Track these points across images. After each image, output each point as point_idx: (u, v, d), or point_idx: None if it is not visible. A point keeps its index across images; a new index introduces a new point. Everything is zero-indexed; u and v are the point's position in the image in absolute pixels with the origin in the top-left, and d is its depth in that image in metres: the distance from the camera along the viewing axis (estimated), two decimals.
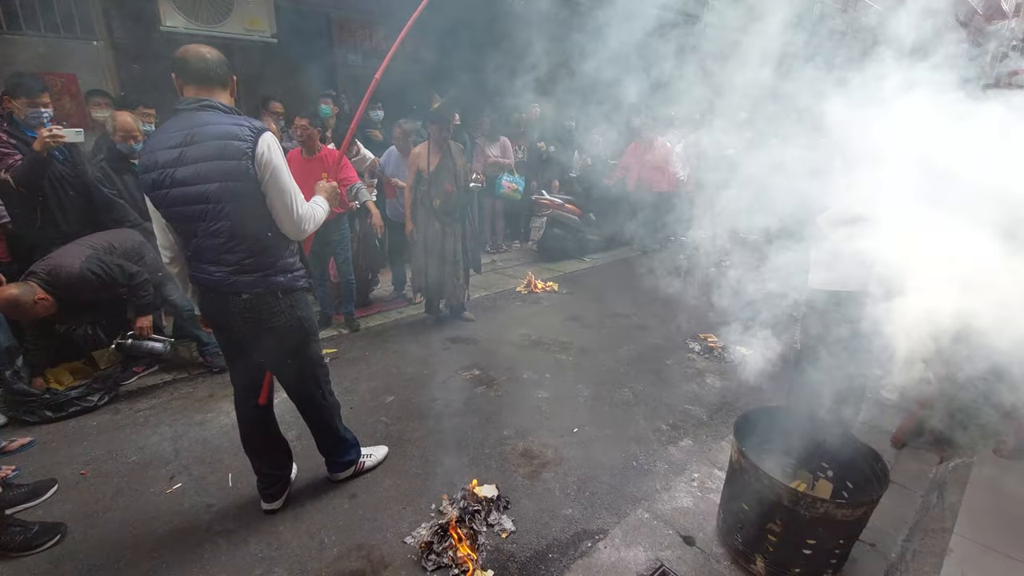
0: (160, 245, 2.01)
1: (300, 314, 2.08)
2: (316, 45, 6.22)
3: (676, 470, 2.73)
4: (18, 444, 2.79)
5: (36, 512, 2.34)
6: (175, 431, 3.01)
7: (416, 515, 2.37)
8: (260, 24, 4.95)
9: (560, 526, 2.33)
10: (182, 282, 2.11)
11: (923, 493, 2.55)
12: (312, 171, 3.69)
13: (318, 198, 2.14)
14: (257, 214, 1.87)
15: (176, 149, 1.78)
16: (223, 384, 3.51)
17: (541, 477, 2.66)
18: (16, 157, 3.06)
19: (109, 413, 3.17)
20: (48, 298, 2.83)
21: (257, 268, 1.92)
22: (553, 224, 6.82)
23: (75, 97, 4.59)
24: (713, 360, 4.05)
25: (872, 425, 3.06)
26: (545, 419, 3.18)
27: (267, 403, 2.29)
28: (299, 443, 2.76)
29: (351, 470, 2.58)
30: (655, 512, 2.40)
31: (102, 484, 2.56)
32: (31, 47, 4.40)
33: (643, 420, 3.19)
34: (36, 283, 2.82)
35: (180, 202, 1.82)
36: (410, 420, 3.15)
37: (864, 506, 1.84)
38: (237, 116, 1.83)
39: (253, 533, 2.27)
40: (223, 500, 2.47)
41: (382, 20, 6.73)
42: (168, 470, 2.67)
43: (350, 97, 6.57)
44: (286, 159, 2.46)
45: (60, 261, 2.93)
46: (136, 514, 2.37)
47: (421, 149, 4.17)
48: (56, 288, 2.86)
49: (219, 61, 1.86)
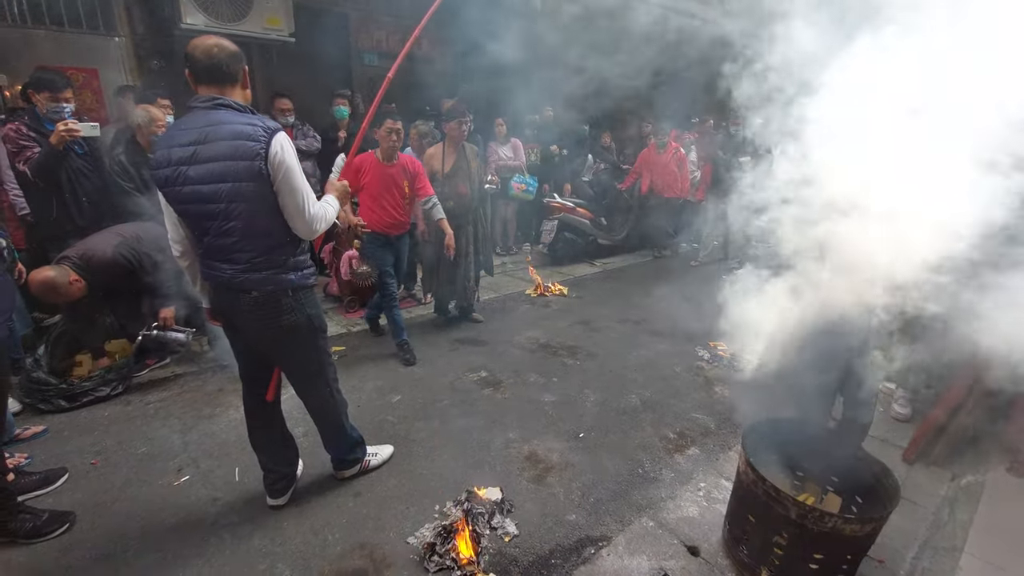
0: (171, 239, 2.04)
1: (309, 312, 2.09)
2: (333, 44, 6.26)
3: (682, 479, 2.70)
4: (32, 432, 2.84)
5: (46, 500, 2.37)
6: (184, 424, 3.04)
7: (419, 515, 2.37)
8: (278, 23, 5.00)
9: (563, 532, 2.32)
10: (192, 276, 2.14)
11: (934, 510, 2.50)
12: (391, 178, 3.64)
13: (329, 197, 2.14)
14: (269, 214, 1.87)
15: (190, 147, 1.79)
16: (232, 379, 3.54)
17: (546, 481, 2.65)
18: (35, 150, 3.13)
19: (120, 404, 3.21)
20: (81, 280, 2.96)
21: (268, 266, 1.93)
22: (564, 227, 6.81)
23: (96, 91, 4.67)
24: (722, 368, 4.01)
25: (883, 440, 3.01)
26: (551, 423, 3.17)
27: (275, 400, 2.31)
28: (305, 440, 2.77)
29: (356, 468, 2.59)
30: (660, 521, 2.38)
31: (111, 474, 2.59)
32: (54, 41, 4.48)
33: (650, 427, 3.17)
34: (68, 267, 2.95)
35: (193, 200, 1.83)
36: (416, 420, 3.16)
37: (873, 522, 1.81)
38: (251, 115, 1.84)
39: (258, 528, 2.28)
40: (229, 494, 2.49)
41: (400, 21, 6.77)
42: (176, 462, 2.70)
43: (366, 97, 6.61)
44: (362, 162, 2.44)
45: (92, 246, 3.06)
46: (144, 505, 2.40)
47: (436, 150, 4.19)
48: (87, 272, 2.99)
49: (228, 56, 1.81)
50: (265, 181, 1.80)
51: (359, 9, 6.55)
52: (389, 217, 3.71)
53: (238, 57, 1.85)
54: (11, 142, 3.14)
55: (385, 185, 3.62)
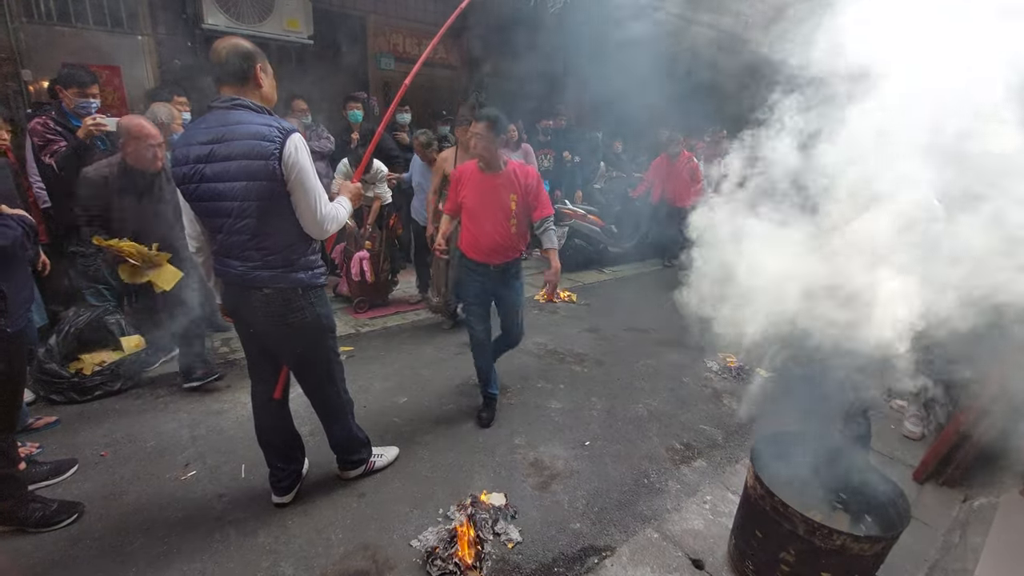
0: (187, 235, 2.10)
1: (319, 311, 2.11)
2: (350, 47, 6.34)
3: (688, 491, 2.68)
4: (44, 423, 2.87)
5: (56, 490, 2.40)
6: (193, 419, 3.06)
7: (423, 518, 2.37)
8: (297, 25, 5.07)
9: (567, 540, 2.31)
10: (207, 272, 2.18)
11: (944, 532, 2.46)
12: (492, 191, 2.85)
13: (342, 198, 2.16)
14: (281, 213, 1.90)
15: (207, 146, 1.82)
16: (241, 375, 3.56)
17: (550, 489, 2.64)
18: (61, 143, 3.19)
19: (131, 398, 3.25)
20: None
21: (279, 265, 1.96)
22: (574, 234, 6.80)
23: (118, 89, 4.75)
24: (731, 380, 3.98)
25: (893, 458, 2.97)
26: (557, 430, 3.16)
27: (283, 398, 2.33)
28: (312, 439, 2.79)
29: (362, 469, 2.60)
30: (664, 532, 2.36)
31: (120, 467, 2.62)
32: (78, 39, 4.57)
33: (656, 437, 3.15)
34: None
35: (208, 197, 1.87)
36: (422, 422, 3.16)
37: (883, 541, 1.78)
38: (268, 116, 1.87)
39: (262, 525, 2.29)
40: (235, 490, 2.51)
41: (415, 25, 6.82)
42: (184, 457, 2.72)
43: (381, 100, 6.68)
44: (460, 173, 2.44)
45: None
46: (151, 498, 2.42)
47: (448, 154, 4.20)
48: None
49: (237, 57, 1.82)
50: (279, 181, 1.82)
51: (376, 12, 6.62)
52: (488, 240, 2.90)
53: (249, 57, 1.85)
54: (38, 135, 3.20)
55: (484, 200, 2.89)
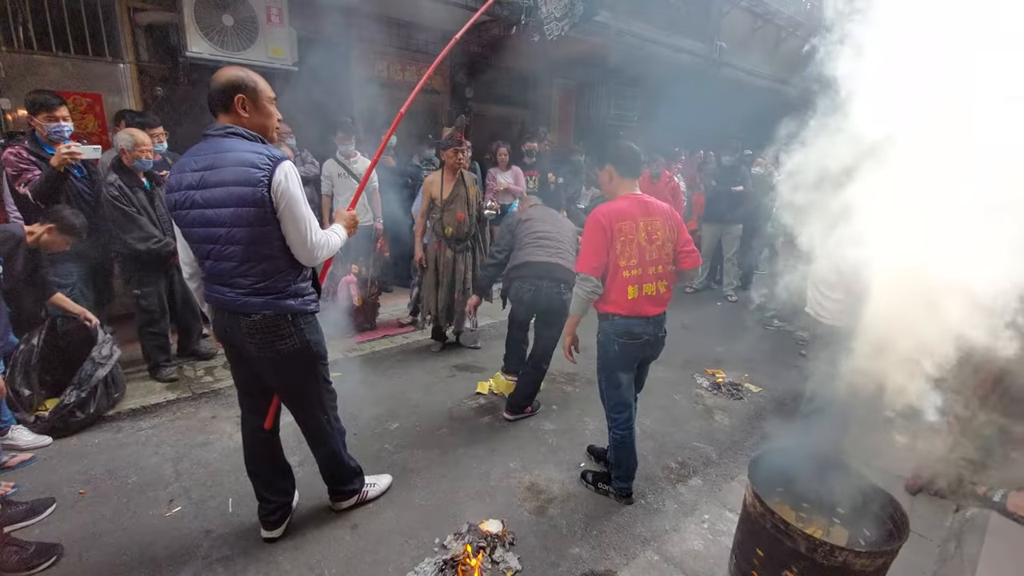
0: (181, 261, 2.08)
1: (309, 338, 2.07)
2: (335, 74, 6.37)
3: (686, 510, 2.67)
4: (18, 460, 2.76)
5: (33, 531, 2.29)
6: (177, 452, 2.97)
7: (419, 549, 2.31)
8: (281, 53, 5.09)
9: (567, 566, 2.27)
10: (200, 298, 2.14)
11: (940, 543, 2.48)
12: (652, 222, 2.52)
13: (336, 226, 2.16)
14: (270, 240, 1.88)
15: (199, 172, 1.83)
16: (227, 405, 3.48)
17: (547, 513, 2.60)
18: (35, 172, 3.15)
19: (111, 431, 3.14)
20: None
21: (268, 291, 1.94)
22: None
23: (99, 116, 4.70)
24: (721, 396, 4.00)
25: (884, 470, 2.99)
26: (551, 452, 3.13)
27: (273, 428, 2.27)
28: (301, 469, 2.71)
29: (354, 499, 2.53)
30: (664, 554, 2.34)
31: (100, 505, 2.52)
32: (58, 67, 4.52)
33: (651, 456, 3.13)
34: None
35: (197, 223, 1.87)
36: (414, 449, 3.11)
37: (884, 555, 1.78)
38: (259, 144, 1.87)
39: (252, 562, 2.21)
40: (223, 526, 2.42)
41: (399, 52, 6.91)
42: (168, 492, 2.63)
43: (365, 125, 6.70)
44: (610, 215, 2.36)
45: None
46: (134, 537, 2.32)
47: (435, 177, 4.23)
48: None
49: (219, 87, 1.84)
50: (267, 208, 1.82)
51: (360, 40, 6.69)
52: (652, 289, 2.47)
53: (230, 87, 1.84)
54: (11, 165, 3.14)
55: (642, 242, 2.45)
